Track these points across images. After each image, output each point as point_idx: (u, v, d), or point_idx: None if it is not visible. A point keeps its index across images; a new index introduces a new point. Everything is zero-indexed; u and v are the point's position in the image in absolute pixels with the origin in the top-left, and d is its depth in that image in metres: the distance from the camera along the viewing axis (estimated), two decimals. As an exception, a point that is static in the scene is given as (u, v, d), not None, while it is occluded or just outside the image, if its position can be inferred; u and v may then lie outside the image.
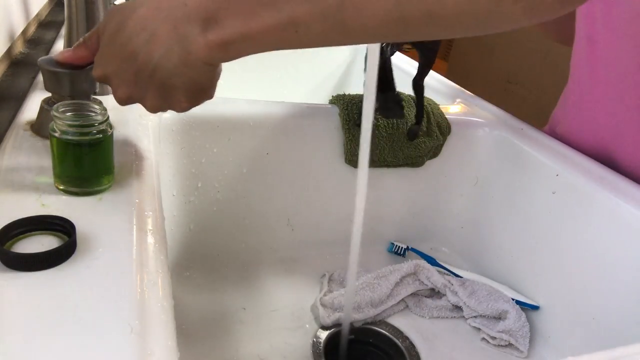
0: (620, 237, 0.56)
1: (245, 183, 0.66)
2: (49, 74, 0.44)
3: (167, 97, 0.38)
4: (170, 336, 0.30)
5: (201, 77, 0.38)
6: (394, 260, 0.76)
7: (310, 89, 1.10)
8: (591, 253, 0.59)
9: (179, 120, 0.59)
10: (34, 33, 0.84)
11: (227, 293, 0.65)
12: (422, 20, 0.32)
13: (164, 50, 0.35)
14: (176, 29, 0.35)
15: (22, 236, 0.34)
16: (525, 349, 0.61)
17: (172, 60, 0.36)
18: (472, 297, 0.66)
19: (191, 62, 0.36)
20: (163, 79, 0.37)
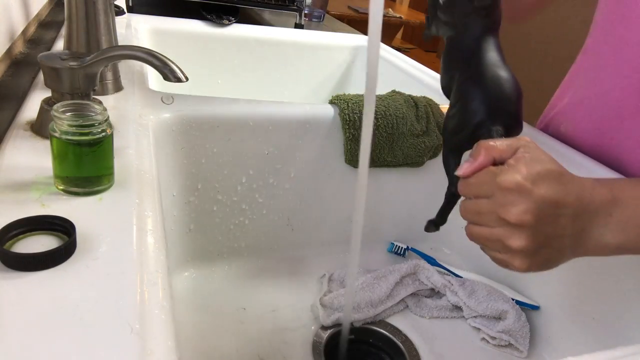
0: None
1: (245, 183, 0.66)
2: (49, 70, 0.44)
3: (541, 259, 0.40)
4: (170, 336, 0.30)
5: (560, 264, 0.41)
6: (394, 260, 0.76)
7: (310, 89, 1.10)
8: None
9: (179, 120, 0.59)
10: (34, 33, 0.84)
11: (227, 293, 0.65)
12: None
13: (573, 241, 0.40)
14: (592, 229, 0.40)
15: (22, 236, 0.34)
16: (525, 349, 0.61)
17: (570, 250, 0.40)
18: (472, 297, 0.66)
19: (575, 255, 0.40)
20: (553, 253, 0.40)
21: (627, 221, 0.38)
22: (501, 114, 0.47)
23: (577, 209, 0.38)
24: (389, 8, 3.30)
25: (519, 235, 0.38)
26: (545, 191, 0.38)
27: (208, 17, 1.00)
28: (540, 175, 0.38)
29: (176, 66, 0.44)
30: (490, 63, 0.49)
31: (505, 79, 0.48)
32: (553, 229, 0.39)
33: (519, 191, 0.38)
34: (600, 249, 0.40)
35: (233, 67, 1.02)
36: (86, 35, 0.54)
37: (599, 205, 0.39)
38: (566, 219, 0.38)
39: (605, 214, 0.39)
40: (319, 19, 1.34)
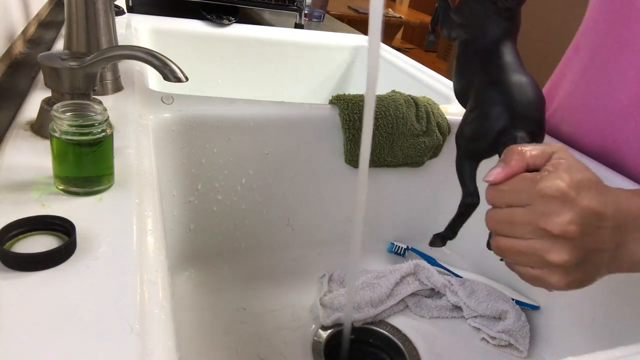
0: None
1: (245, 183, 0.66)
2: (48, 70, 0.44)
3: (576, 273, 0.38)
4: (170, 336, 0.30)
5: (595, 280, 0.39)
6: (394, 260, 0.76)
7: (310, 89, 1.10)
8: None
9: (179, 120, 0.59)
10: (34, 33, 0.84)
11: (227, 293, 0.65)
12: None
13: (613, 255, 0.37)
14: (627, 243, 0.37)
15: (22, 236, 0.34)
16: (525, 349, 0.61)
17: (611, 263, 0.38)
18: (472, 297, 0.66)
19: (610, 271, 0.38)
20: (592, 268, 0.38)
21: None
22: (525, 120, 0.45)
23: (616, 221, 0.36)
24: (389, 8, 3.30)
25: (560, 248, 0.35)
26: (590, 201, 0.35)
27: (208, 17, 1.00)
28: (582, 183, 0.36)
29: (176, 66, 0.44)
30: (512, 68, 0.48)
31: (528, 84, 0.47)
32: (594, 242, 0.36)
33: (563, 199, 0.35)
34: (635, 264, 0.37)
35: (233, 67, 1.02)
36: (86, 35, 0.54)
37: (636, 217, 0.36)
38: (606, 232, 0.36)
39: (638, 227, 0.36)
40: (319, 19, 1.34)
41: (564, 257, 0.35)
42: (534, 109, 0.46)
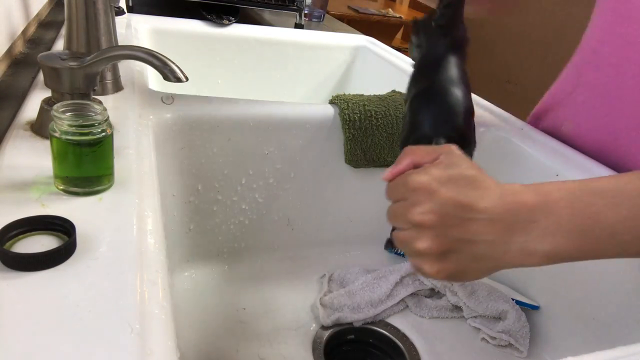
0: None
1: (245, 183, 0.66)
2: (48, 70, 0.44)
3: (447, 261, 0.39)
4: (170, 336, 0.30)
5: (486, 273, 0.39)
6: (394, 260, 0.76)
7: (310, 89, 1.10)
8: (591, 253, 0.59)
9: (179, 120, 0.59)
10: (34, 33, 0.84)
11: (227, 293, 0.65)
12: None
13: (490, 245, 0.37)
14: (513, 236, 0.37)
15: (22, 236, 0.34)
16: (525, 349, 0.61)
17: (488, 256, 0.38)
18: (472, 297, 0.66)
19: (499, 263, 0.38)
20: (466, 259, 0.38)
21: (553, 227, 0.36)
22: (445, 128, 0.48)
23: (493, 215, 0.37)
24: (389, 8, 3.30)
25: (423, 237, 0.38)
26: (453, 193, 0.37)
27: (208, 17, 1.00)
28: (451, 178, 0.38)
29: (176, 66, 0.44)
30: (444, 79, 0.51)
31: (453, 94, 0.49)
32: (461, 233, 0.37)
33: (425, 191, 0.38)
34: (528, 256, 0.37)
35: (233, 67, 1.02)
36: (86, 35, 0.54)
37: (521, 211, 0.37)
38: (479, 225, 0.37)
39: (529, 220, 0.36)
40: (319, 19, 1.34)
41: (426, 245, 0.37)
42: (453, 118, 0.48)
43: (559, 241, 0.36)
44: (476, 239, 0.37)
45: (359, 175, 0.72)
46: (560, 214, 0.36)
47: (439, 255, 0.38)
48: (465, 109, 0.49)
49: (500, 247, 0.37)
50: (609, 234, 0.35)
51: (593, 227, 0.35)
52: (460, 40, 0.54)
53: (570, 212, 0.36)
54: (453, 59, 0.52)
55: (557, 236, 0.36)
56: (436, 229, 0.37)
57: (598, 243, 0.36)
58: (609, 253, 0.36)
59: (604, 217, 0.35)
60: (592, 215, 0.35)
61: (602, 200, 0.36)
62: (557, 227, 0.36)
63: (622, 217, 0.35)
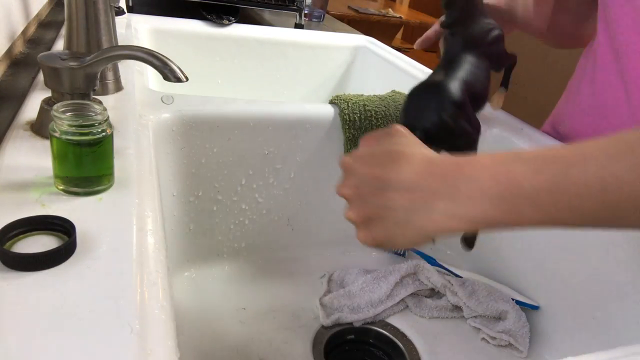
0: (620, 236, 0.56)
1: (245, 183, 0.66)
2: (49, 70, 0.44)
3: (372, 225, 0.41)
4: (170, 336, 0.30)
5: (416, 239, 0.40)
6: (394, 260, 0.76)
7: (310, 89, 1.10)
8: (591, 253, 0.59)
9: (179, 120, 0.59)
10: (34, 33, 0.84)
11: (227, 293, 0.65)
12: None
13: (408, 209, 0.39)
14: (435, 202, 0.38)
15: (22, 236, 0.34)
16: (525, 349, 0.61)
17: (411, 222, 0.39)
18: (472, 297, 0.66)
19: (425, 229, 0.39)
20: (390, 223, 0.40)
21: (477, 193, 0.37)
22: (421, 121, 0.50)
23: (409, 184, 0.39)
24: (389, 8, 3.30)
25: (350, 209, 0.43)
26: (368, 169, 0.41)
27: (208, 17, 1.00)
28: (372, 155, 0.42)
29: (176, 66, 0.44)
30: (443, 75, 0.52)
31: (443, 89, 0.50)
32: (379, 201, 0.40)
33: (346, 170, 0.43)
34: (454, 221, 0.38)
35: (233, 67, 1.02)
36: (86, 35, 0.54)
37: (445, 178, 0.38)
38: (395, 193, 0.39)
39: (452, 186, 0.38)
40: (319, 19, 1.34)
41: (352, 215, 0.42)
42: (431, 113, 0.50)
43: (484, 207, 0.37)
44: (394, 205, 0.39)
45: (359, 175, 0.72)
46: (483, 180, 0.37)
47: (365, 222, 0.42)
48: (454, 104, 0.50)
49: (422, 214, 0.38)
50: (530, 201, 0.35)
51: (514, 193, 0.36)
52: (475, 39, 0.55)
53: (491, 179, 0.36)
54: (466, 57, 0.54)
55: (482, 202, 0.37)
56: (356, 200, 0.42)
57: (520, 210, 0.36)
58: (534, 221, 0.36)
59: (524, 184, 0.35)
60: (512, 182, 0.36)
61: (523, 166, 0.36)
62: (480, 193, 0.37)
63: (541, 182, 0.35)
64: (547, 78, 2.40)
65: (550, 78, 2.34)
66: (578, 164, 0.34)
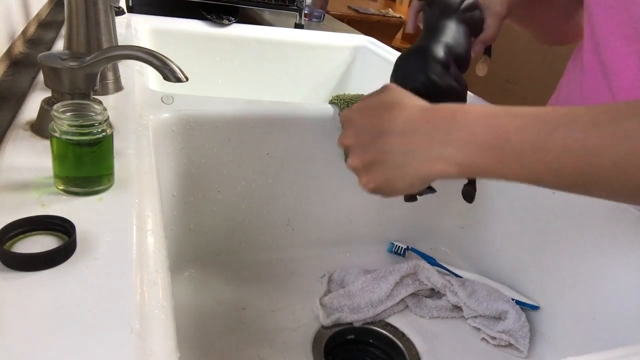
0: (620, 236, 0.56)
1: (245, 183, 0.66)
2: (48, 70, 0.44)
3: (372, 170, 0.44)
4: (170, 336, 0.30)
5: (414, 182, 0.43)
6: (394, 260, 0.76)
7: (310, 89, 1.10)
8: (591, 253, 0.59)
9: (179, 120, 0.59)
10: (34, 33, 0.84)
11: (227, 293, 0.65)
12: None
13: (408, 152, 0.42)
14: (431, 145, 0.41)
15: (22, 236, 0.34)
16: (525, 349, 0.61)
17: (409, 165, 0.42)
18: (472, 297, 0.66)
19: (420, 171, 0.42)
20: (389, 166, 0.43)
21: (467, 139, 0.39)
22: (410, 82, 0.52)
23: (405, 129, 0.41)
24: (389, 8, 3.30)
25: (350, 156, 0.45)
26: (366, 119, 0.44)
27: (208, 17, 1.00)
28: (368, 106, 0.44)
29: (176, 66, 0.44)
30: (425, 40, 0.55)
31: (426, 50, 0.53)
32: (379, 145, 0.42)
33: (345, 122, 0.46)
34: (446, 165, 0.40)
35: (233, 67, 1.02)
36: (86, 35, 0.54)
37: (439, 123, 0.40)
38: (393, 138, 0.42)
39: (443, 132, 0.40)
40: (319, 19, 1.34)
41: (353, 162, 0.45)
42: (421, 73, 0.52)
43: (472, 153, 0.39)
44: (392, 149, 0.42)
45: (359, 175, 0.72)
46: (475, 128, 0.39)
47: (366, 167, 0.44)
48: (439, 63, 0.52)
49: (419, 155, 0.41)
50: (515, 155, 0.37)
51: (501, 144, 0.37)
52: (451, 6, 0.58)
53: (483, 128, 0.38)
54: (445, 23, 0.57)
55: (470, 148, 0.39)
56: (357, 148, 0.44)
57: (506, 162, 0.38)
58: (520, 176, 0.38)
59: (511, 137, 0.37)
60: (502, 134, 0.38)
61: (514, 120, 0.38)
62: (470, 140, 0.39)
63: (527, 138, 0.37)
64: (546, 78, 2.40)
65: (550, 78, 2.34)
66: (563, 126, 0.36)
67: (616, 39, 0.59)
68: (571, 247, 0.61)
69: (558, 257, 0.63)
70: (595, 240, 0.58)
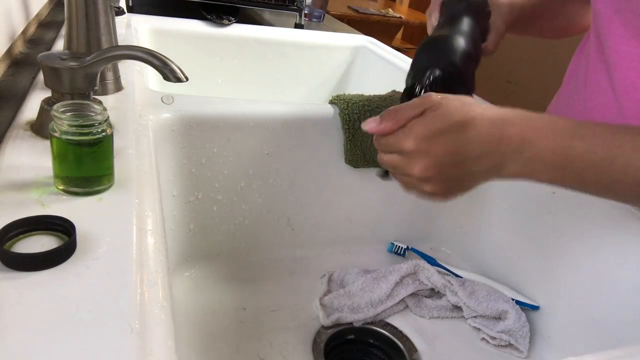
0: (620, 236, 0.56)
1: (245, 183, 0.66)
2: (49, 70, 0.44)
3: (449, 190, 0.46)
4: (170, 336, 0.30)
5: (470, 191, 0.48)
6: (394, 260, 0.76)
7: (310, 89, 1.10)
8: (591, 253, 0.59)
9: (179, 120, 0.59)
10: (34, 33, 0.84)
11: (227, 293, 0.65)
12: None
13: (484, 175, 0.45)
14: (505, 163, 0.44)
15: (22, 236, 0.34)
16: (525, 349, 0.61)
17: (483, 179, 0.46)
18: (472, 297, 0.66)
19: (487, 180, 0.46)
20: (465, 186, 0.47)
21: (536, 158, 0.43)
22: (440, 62, 0.51)
23: (483, 150, 0.43)
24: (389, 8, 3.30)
25: (428, 185, 0.45)
26: (443, 147, 0.43)
27: (208, 17, 1.00)
28: (440, 131, 0.43)
29: (176, 66, 0.44)
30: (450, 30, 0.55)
31: (452, 39, 0.53)
32: (459, 170, 0.44)
33: (418, 152, 0.44)
34: (506, 176, 0.45)
35: (233, 67, 1.02)
36: (86, 35, 0.54)
37: (508, 144, 0.43)
38: (472, 161, 0.44)
39: (513, 152, 0.43)
40: (319, 19, 1.34)
41: (433, 189, 0.45)
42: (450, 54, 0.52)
43: (536, 170, 0.43)
44: (472, 170, 0.44)
45: (359, 175, 0.72)
46: (544, 152, 0.43)
47: (445, 192, 0.46)
48: (463, 52, 0.52)
49: (491, 172, 0.44)
50: (575, 174, 0.43)
51: (566, 166, 0.42)
52: (477, 6, 0.59)
53: (552, 153, 0.42)
54: (466, 19, 0.57)
55: (536, 167, 0.43)
56: (437, 177, 0.44)
57: (564, 178, 0.43)
58: (568, 186, 0.44)
59: (576, 161, 0.42)
60: (567, 157, 0.42)
61: (581, 144, 0.42)
62: (538, 161, 0.43)
63: (590, 163, 0.42)
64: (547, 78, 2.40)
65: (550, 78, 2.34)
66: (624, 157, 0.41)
67: (622, 42, 0.59)
68: (571, 247, 0.61)
69: (558, 257, 0.63)
70: (595, 241, 0.58)
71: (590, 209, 0.59)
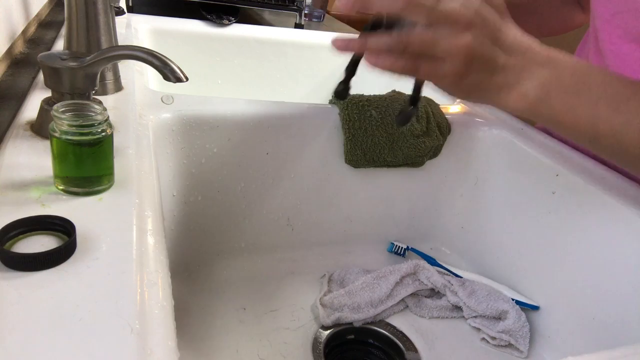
0: (620, 237, 0.56)
1: (245, 183, 0.66)
2: (49, 70, 0.44)
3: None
4: (170, 336, 0.30)
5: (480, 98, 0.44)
6: (394, 260, 0.76)
7: (310, 89, 1.10)
8: (591, 253, 0.59)
9: (179, 120, 0.59)
10: (34, 33, 0.84)
11: (227, 293, 0.65)
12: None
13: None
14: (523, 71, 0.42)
15: (22, 236, 0.34)
16: (525, 349, 0.61)
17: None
18: (471, 297, 0.66)
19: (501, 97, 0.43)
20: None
21: (552, 81, 0.41)
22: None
23: (513, 45, 0.41)
24: (389, 8, 3.29)
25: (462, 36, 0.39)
26: (489, 14, 0.40)
27: (208, 17, 1.00)
28: (484, 7, 0.40)
29: (176, 66, 0.44)
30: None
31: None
32: (490, 54, 0.40)
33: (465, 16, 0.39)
34: (520, 99, 0.42)
35: (233, 67, 1.02)
36: (86, 35, 0.54)
37: (534, 55, 0.41)
38: (502, 51, 0.41)
39: (537, 64, 0.41)
40: (319, 19, 1.34)
41: (468, 41, 0.39)
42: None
43: (552, 91, 0.41)
44: (497, 67, 0.40)
45: (359, 175, 0.72)
46: (564, 70, 0.41)
47: (468, 60, 0.40)
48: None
49: (509, 76, 0.41)
50: (590, 104, 0.41)
51: (582, 93, 0.41)
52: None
53: (571, 72, 0.41)
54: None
55: (552, 86, 0.41)
56: (479, 35, 0.39)
57: (577, 111, 0.41)
58: (582, 127, 0.42)
59: (595, 88, 0.41)
60: (586, 83, 0.41)
61: (600, 75, 0.41)
62: (556, 79, 0.41)
63: (607, 94, 0.41)
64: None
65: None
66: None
67: (621, 43, 0.59)
68: (571, 247, 0.61)
69: (558, 257, 0.63)
70: (595, 241, 0.58)
71: (591, 209, 0.59)
